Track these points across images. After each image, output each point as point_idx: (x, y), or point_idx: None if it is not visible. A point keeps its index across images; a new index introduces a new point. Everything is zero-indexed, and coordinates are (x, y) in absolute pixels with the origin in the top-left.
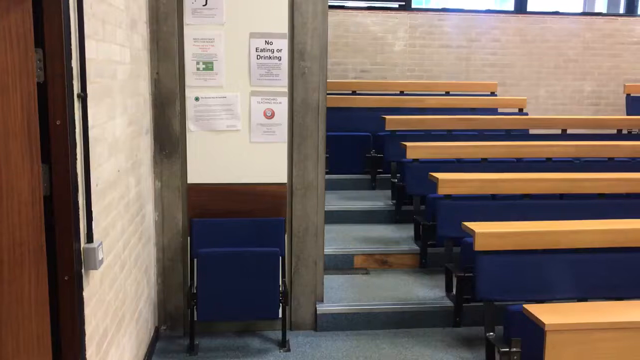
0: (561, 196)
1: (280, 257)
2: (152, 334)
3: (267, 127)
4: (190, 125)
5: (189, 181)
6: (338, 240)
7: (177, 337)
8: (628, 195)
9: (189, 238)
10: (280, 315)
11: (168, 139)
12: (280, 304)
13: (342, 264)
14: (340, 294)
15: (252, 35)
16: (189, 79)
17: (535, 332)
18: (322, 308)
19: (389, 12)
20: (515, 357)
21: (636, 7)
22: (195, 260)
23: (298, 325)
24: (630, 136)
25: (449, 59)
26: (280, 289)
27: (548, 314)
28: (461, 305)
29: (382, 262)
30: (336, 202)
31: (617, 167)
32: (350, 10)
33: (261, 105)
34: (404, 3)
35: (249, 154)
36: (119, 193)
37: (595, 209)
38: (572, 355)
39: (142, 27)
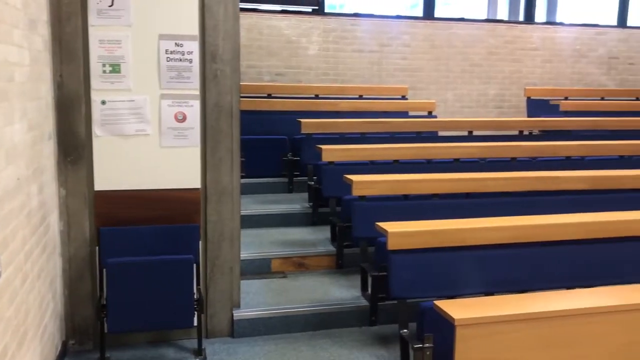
0: (467, 195)
1: (195, 264)
2: (59, 349)
3: (179, 131)
4: (96, 130)
5: (96, 188)
6: (255, 244)
7: (87, 351)
8: (529, 193)
9: (97, 247)
10: (195, 323)
11: (73, 144)
12: (196, 312)
13: (259, 269)
14: (257, 299)
15: (162, 37)
16: (95, 82)
17: (446, 327)
18: (238, 314)
19: (302, 16)
20: (428, 353)
21: (534, 15)
22: (104, 270)
23: (215, 333)
24: (530, 137)
25: (362, 63)
26: (195, 297)
27: (457, 309)
28: (376, 304)
29: (299, 265)
30: (253, 206)
31: (518, 166)
32: (263, 14)
33: (172, 109)
34: (317, 7)
35: (159, 158)
36: (19, 202)
37: (499, 206)
38: (481, 347)
39: (43, 28)
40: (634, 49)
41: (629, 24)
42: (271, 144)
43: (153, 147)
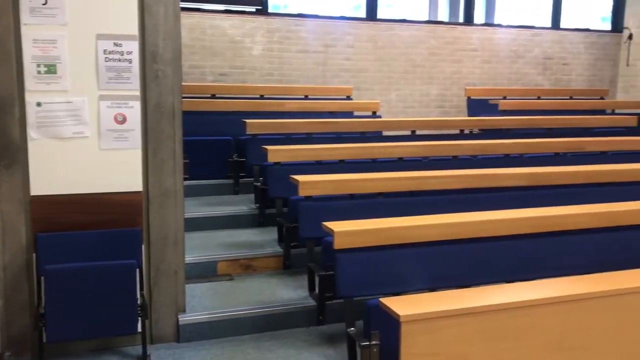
0: (411, 193)
1: (138, 269)
2: None
3: (119, 132)
4: (31, 133)
5: (32, 193)
6: (200, 247)
7: None
8: (470, 190)
9: (34, 254)
10: (139, 329)
11: (6, 148)
12: (139, 318)
13: (205, 272)
14: (203, 303)
15: (100, 36)
16: (29, 83)
17: (392, 323)
18: (184, 318)
19: (246, 16)
20: (374, 350)
21: (473, 17)
22: (42, 277)
23: (160, 338)
24: (471, 136)
25: (306, 64)
26: (139, 302)
27: (402, 305)
28: (324, 303)
29: (246, 267)
30: (198, 208)
31: (460, 164)
32: (206, 13)
33: (111, 110)
34: (261, 7)
35: (99, 161)
36: None
37: (442, 204)
38: (426, 342)
39: None
40: (566, 50)
41: (562, 26)
42: (216, 145)
43: (92, 149)
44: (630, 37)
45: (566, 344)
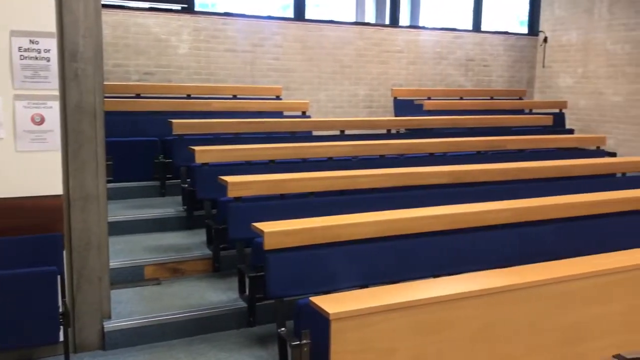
0: (341, 192)
1: (59, 276)
2: None
3: (37, 134)
4: None
5: None
6: (126, 251)
7: None
8: (398, 188)
9: None
10: (62, 339)
11: None
12: (62, 326)
13: (131, 277)
14: (130, 308)
15: (14, 33)
16: None
17: (322, 322)
18: (109, 325)
19: (171, 14)
20: (305, 349)
21: (398, 19)
22: None
23: (84, 347)
24: (398, 135)
25: (235, 63)
26: (60, 310)
27: (332, 303)
28: (254, 304)
29: (174, 271)
30: (123, 211)
31: (387, 163)
32: (130, 11)
33: (28, 110)
34: (186, 5)
35: (15, 164)
36: None
37: (371, 202)
38: (356, 339)
39: None
40: (487, 52)
41: (482, 29)
42: (141, 146)
43: (7, 152)
44: (545, 40)
45: (489, 334)
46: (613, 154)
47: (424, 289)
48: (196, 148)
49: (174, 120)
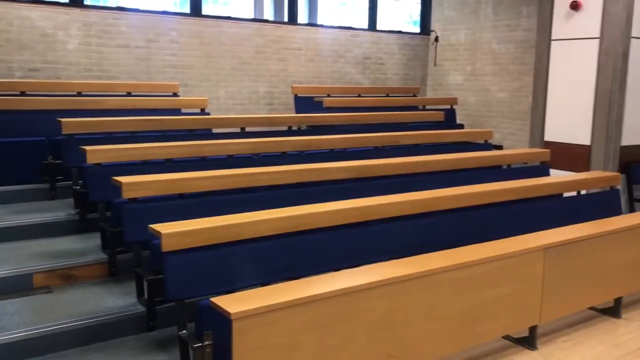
0: (243, 190)
1: None
2: None
3: None
4: None
5: None
6: (12, 259)
7: None
8: (299, 185)
9: None
10: None
11: None
12: None
13: (18, 286)
14: (17, 320)
15: None
16: None
17: (224, 322)
18: None
19: (58, 7)
20: (207, 350)
21: (296, 16)
22: None
23: None
24: (299, 132)
25: (129, 59)
26: None
27: (233, 303)
28: (154, 308)
29: (67, 277)
30: (8, 217)
31: (289, 160)
32: (12, 3)
33: None
34: None
35: None
36: None
37: (273, 199)
38: (258, 337)
39: None
40: (382, 51)
41: (378, 28)
42: (27, 147)
43: None
44: (436, 39)
45: (390, 322)
46: (499, 147)
47: (325, 283)
48: (87, 148)
49: (63, 119)
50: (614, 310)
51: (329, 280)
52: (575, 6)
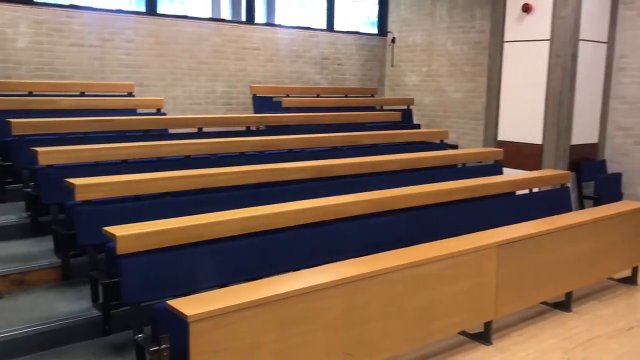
0: (201, 191)
1: None
2: None
3: None
4: None
5: None
6: None
7: None
8: (258, 185)
9: None
10: None
11: None
12: None
13: None
14: None
15: None
16: None
17: (181, 325)
18: None
19: (6, 4)
20: (164, 354)
21: (254, 16)
22: None
23: None
24: (257, 132)
25: (82, 59)
26: None
27: (190, 305)
28: (109, 312)
29: (18, 283)
30: None
31: (247, 160)
32: None
33: None
34: None
35: None
36: None
37: (232, 200)
38: (216, 339)
39: None
40: (340, 51)
41: (335, 28)
42: None
43: None
44: (393, 40)
45: (348, 321)
46: (455, 146)
47: (284, 283)
48: (39, 149)
49: (13, 120)
50: (565, 304)
51: (287, 280)
52: (526, 9)
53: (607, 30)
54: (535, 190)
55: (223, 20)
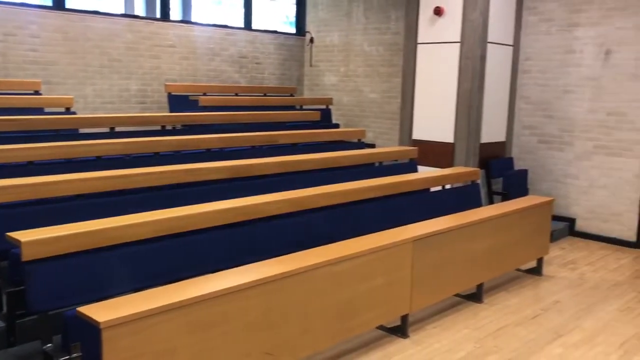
0: (115, 193)
1: None
2: None
3: None
4: None
5: None
6: None
7: None
8: (176, 186)
9: None
10: None
11: None
12: None
13: None
14: None
15: None
16: None
17: (92, 332)
18: None
19: None
20: None
21: (169, 13)
22: None
23: None
24: (173, 131)
25: None
26: None
27: (102, 311)
28: (14, 322)
29: None
30: None
31: (163, 160)
32: None
33: None
34: None
35: None
36: None
37: (148, 201)
38: (130, 345)
39: None
40: (258, 50)
41: (253, 27)
42: None
43: None
44: (311, 40)
45: (267, 321)
46: (372, 145)
47: (201, 285)
48: None
49: None
50: (476, 295)
51: (205, 282)
52: (438, 12)
53: (512, 34)
54: (447, 187)
55: (136, 17)
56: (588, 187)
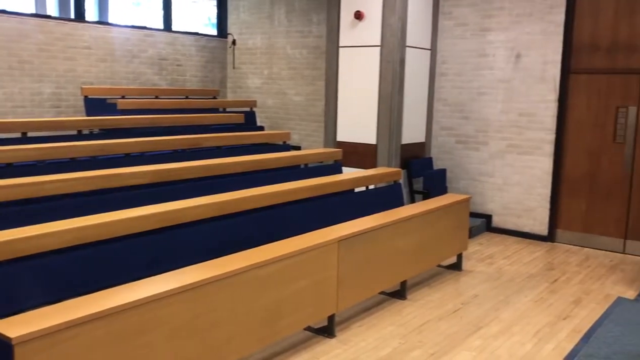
0: (26, 201)
1: None
2: None
3: None
4: None
5: None
6: None
7: None
8: (93, 192)
9: None
10: None
11: None
12: None
13: None
14: None
15: None
16: None
17: (4, 349)
18: None
19: None
20: None
21: (84, 13)
22: None
23: None
24: (90, 136)
25: None
26: None
27: (14, 326)
28: None
29: None
30: None
31: (80, 166)
32: None
33: None
34: None
35: None
36: None
37: (63, 209)
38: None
39: None
40: (179, 52)
41: (174, 28)
42: None
43: None
44: (234, 42)
45: (193, 328)
46: (297, 148)
47: (120, 295)
48: None
49: None
50: (400, 292)
51: (125, 291)
52: (358, 16)
53: (430, 38)
54: (371, 187)
55: (48, 17)
56: (502, 184)
